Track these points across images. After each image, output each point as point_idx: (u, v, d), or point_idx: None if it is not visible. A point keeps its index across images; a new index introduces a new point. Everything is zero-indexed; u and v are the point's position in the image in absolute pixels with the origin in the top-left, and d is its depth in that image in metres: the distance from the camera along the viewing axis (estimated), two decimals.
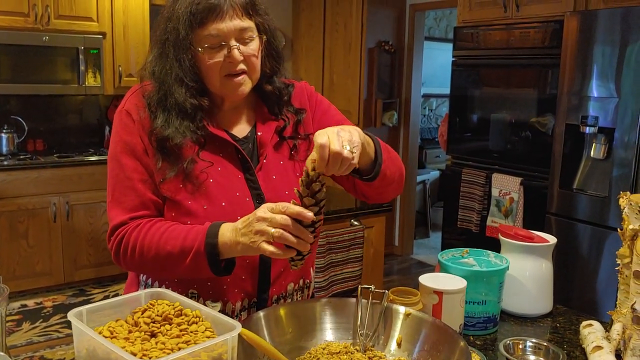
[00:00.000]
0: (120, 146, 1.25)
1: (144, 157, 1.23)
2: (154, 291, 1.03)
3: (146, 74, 1.26)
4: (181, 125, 1.20)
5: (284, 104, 1.34)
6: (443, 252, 1.48)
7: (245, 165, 1.28)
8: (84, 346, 0.89)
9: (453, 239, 3.92)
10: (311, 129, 1.37)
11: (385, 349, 1.19)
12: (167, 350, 0.84)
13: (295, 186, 1.17)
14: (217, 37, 1.18)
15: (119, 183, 1.24)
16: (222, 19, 1.17)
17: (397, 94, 5.12)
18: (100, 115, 4.83)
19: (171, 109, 1.21)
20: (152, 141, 1.22)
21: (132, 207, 1.22)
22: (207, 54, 1.19)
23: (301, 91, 1.41)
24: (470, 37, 3.71)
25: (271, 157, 1.31)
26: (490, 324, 1.40)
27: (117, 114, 1.27)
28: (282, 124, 1.33)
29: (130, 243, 1.19)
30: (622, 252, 1.26)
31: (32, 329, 3.57)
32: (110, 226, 1.24)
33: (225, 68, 1.20)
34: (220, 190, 1.23)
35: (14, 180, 3.90)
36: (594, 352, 1.19)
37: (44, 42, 4.09)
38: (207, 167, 1.23)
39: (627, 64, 2.71)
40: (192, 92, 1.21)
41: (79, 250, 4.22)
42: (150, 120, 1.22)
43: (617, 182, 2.77)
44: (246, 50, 1.21)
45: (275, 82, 1.33)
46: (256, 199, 1.26)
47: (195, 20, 1.17)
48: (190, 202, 1.22)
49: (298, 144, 1.35)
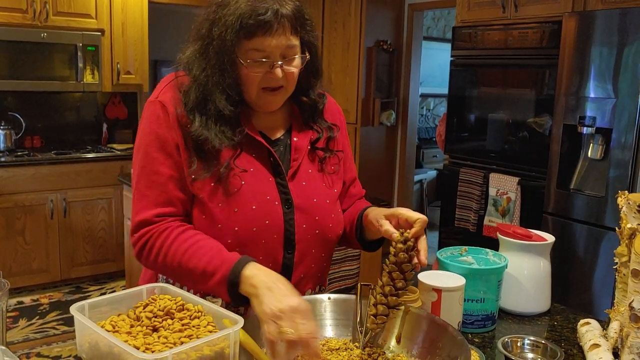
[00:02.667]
0: (151, 138, 1.22)
1: (176, 153, 1.21)
2: (155, 286, 1.03)
3: (183, 65, 1.24)
4: (220, 130, 1.19)
5: (318, 115, 1.36)
6: (442, 250, 1.49)
7: (277, 169, 1.28)
8: (86, 340, 0.90)
9: (450, 238, 3.93)
10: (340, 147, 1.41)
11: (385, 345, 1.20)
12: (170, 345, 0.85)
13: (325, 195, 1.29)
14: (263, 52, 1.17)
15: (146, 176, 1.22)
16: (271, 35, 1.15)
17: (395, 94, 5.12)
18: (98, 112, 4.83)
19: (210, 114, 1.19)
20: (188, 140, 1.20)
21: (159, 203, 1.20)
22: (249, 67, 1.18)
23: (332, 106, 1.44)
24: (469, 37, 3.72)
25: (303, 164, 1.32)
26: (489, 322, 1.41)
27: (151, 104, 1.24)
28: (316, 135, 1.34)
29: (156, 247, 1.18)
30: (619, 251, 1.27)
31: (29, 325, 3.56)
32: (135, 220, 1.22)
33: (264, 81, 1.20)
34: (251, 193, 1.23)
35: (11, 176, 3.90)
36: (592, 350, 1.20)
37: (42, 39, 4.09)
38: (242, 172, 1.23)
39: (625, 64, 2.73)
40: (232, 101, 1.20)
41: (76, 248, 4.21)
42: (186, 118, 1.20)
43: (614, 183, 2.78)
44: (288, 68, 1.20)
45: (311, 95, 1.34)
46: (285, 203, 1.27)
47: (243, 32, 1.15)
48: (220, 205, 1.21)
49: (328, 158, 1.36)
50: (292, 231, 1.27)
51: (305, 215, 1.28)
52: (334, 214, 1.35)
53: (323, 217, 1.31)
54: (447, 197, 3.95)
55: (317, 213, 1.30)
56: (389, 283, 1.12)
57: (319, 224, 1.30)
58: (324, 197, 1.32)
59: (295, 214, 1.27)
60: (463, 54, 3.78)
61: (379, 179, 5.16)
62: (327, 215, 1.32)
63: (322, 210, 1.31)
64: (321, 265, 1.37)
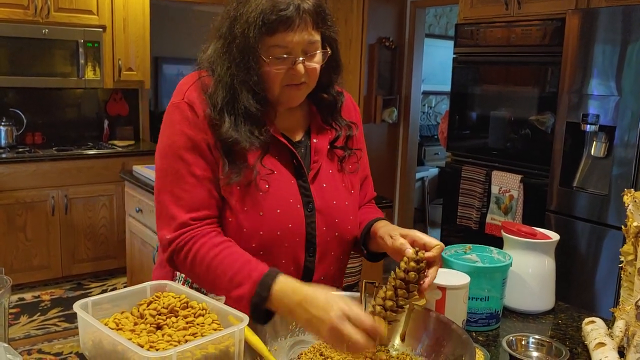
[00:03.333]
0: (182, 140, 1.20)
1: (208, 154, 1.20)
2: (159, 283, 1.02)
3: (205, 64, 1.23)
4: (249, 130, 1.18)
5: (337, 113, 1.35)
6: (446, 247, 1.48)
7: (299, 171, 1.27)
8: (89, 338, 0.89)
9: (452, 236, 3.93)
10: (358, 145, 1.40)
11: (389, 343, 1.19)
12: (174, 342, 0.84)
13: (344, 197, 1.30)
14: (285, 48, 1.16)
15: (180, 179, 1.19)
16: (293, 30, 1.14)
17: (397, 91, 5.11)
18: (99, 109, 4.82)
19: (238, 113, 1.18)
20: (218, 142, 1.19)
21: (196, 206, 1.19)
22: (272, 64, 1.17)
23: (349, 103, 1.43)
24: (471, 34, 3.71)
25: (323, 165, 1.31)
26: (493, 320, 1.40)
27: (176, 105, 1.22)
28: (335, 134, 1.34)
29: (193, 251, 1.17)
30: (625, 250, 1.26)
31: (30, 322, 3.56)
32: (172, 223, 1.19)
33: (287, 78, 1.19)
34: (276, 197, 1.23)
35: (12, 173, 3.89)
36: (597, 349, 1.20)
37: (43, 35, 4.07)
38: (268, 174, 1.22)
39: (628, 62, 2.72)
40: (258, 98, 1.19)
41: (77, 244, 4.21)
42: (215, 120, 1.19)
43: (617, 181, 2.77)
44: (310, 64, 1.19)
45: (331, 92, 1.33)
46: (306, 206, 1.26)
47: (266, 29, 1.14)
48: (247, 209, 1.20)
49: (347, 156, 1.36)
50: (314, 234, 1.27)
51: (326, 218, 1.29)
52: (352, 216, 1.35)
53: (342, 219, 1.31)
54: (449, 194, 3.95)
55: (337, 215, 1.30)
56: (392, 298, 1.10)
57: (338, 226, 1.31)
58: (343, 199, 1.33)
59: (316, 216, 1.27)
60: (465, 51, 3.77)
61: (380, 177, 5.15)
62: (346, 217, 1.32)
63: (341, 212, 1.31)
64: (339, 266, 1.38)
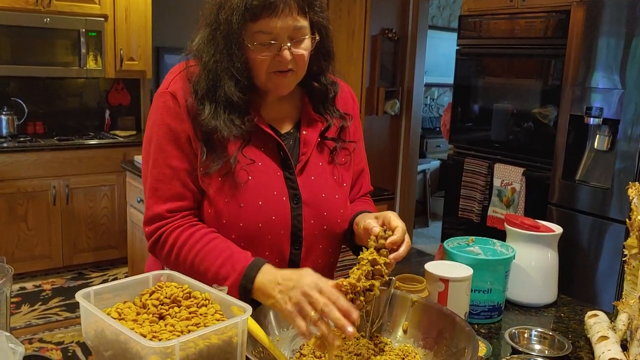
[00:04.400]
0: (163, 131, 1.20)
1: (187, 145, 1.20)
2: (161, 273, 1.02)
3: (193, 53, 1.22)
4: (229, 118, 1.17)
5: (329, 103, 1.33)
6: (449, 240, 1.48)
7: (286, 163, 1.26)
8: (92, 327, 0.89)
9: (453, 228, 3.93)
10: (352, 137, 1.38)
11: (391, 335, 1.19)
12: (177, 333, 0.84)
13: (333, 190, 1.28)
14: (270, 34, 1.14)
15: (157, 169, 1.20)
16: (277, 16, 1.13)
17: (400, 83, 5.09)
18: (100, 98, 4.81)
19: (219, 101, 1.17)
20: (198, 132, 1.18)
21: (170, 197, 1.20)
22: (257, 50, 1.16)
23: (347, 94, 1.40)
24: (475, 26, 3.69)
25: (312, 158, 1.29)
26: (495, 313, 1.40)
27: (161, 95, 1.22)
28: (326, 125, 1.31)
29: (168, 243, 1.18)
30: (629, 243, 1.26)
31: (31, 311, 3.57)
32: (148, 214, 1.21)
33: (273, 65, 1.17)
34: (258, 188, 1.21)
35: (13, 162, 3.89)
36: (600, 342, 1.19)
37: (44, 24, 4.05)
38: (249, 164, 1.21)
39: (633, 55, 2.70)
40: (241, 87, 1.18)
41: (78, 234, 4.21)
42: (196, 108, 1.18)
43: (620, 174, 2.76)
44: (297, 50, 1.17)
45: (322, 80, 1.31)
46: (293, 198, 1.25)
47: (249, 14, 1.13)
48: (227, 201, 1.19)
49: (339, 148, 1.33)
50: (300, 227, 1.25)
51: (313, 211, 1.27)
52: (343, 209, 1.32)
53: (331, 212, 1.29)
54: (451, 187, 3.94)
55: (325, 208, 1.28)
56: (362, 281, 1.06)
57: (327, 219, 1.28)
58: (332, 192, 1.30)
59: (303, 209, 1.25)
60: (469, 43, 3.75)
61: (382, 169, 5.14)
62: (335, 211, 1.30)
63: (330, 205, 1.29)
64: (328, 260, 1.36)
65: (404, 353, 1.11)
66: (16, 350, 0.87)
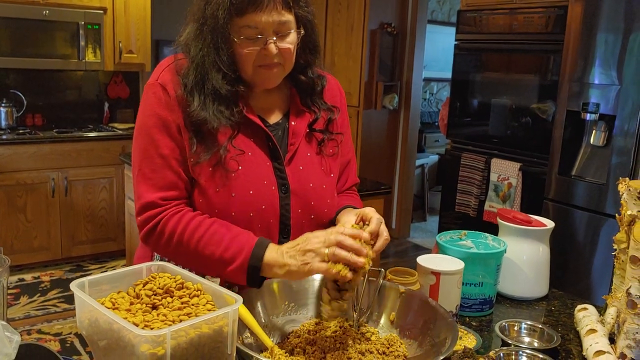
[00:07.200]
0: (153, 120, 1.22)
1: (177, 135, 1.21)
2: (155, 264, 1.03)
3: (181, 47, 1.24)
4: (217, 110, 1.19)
5: (317, 96, 1.35)
6: (441, 233, 1.49)
7: (275, 153, 1.27)
8: (86, 316, 0.90)
9: (450, 222, 3.94)
10: (339, 129, 1.39)
11: (378, 325, 1.21)
12: (169, 322, 0.85)
13: (321, 180, 1.30)
14: (255, 29, 1.17)
15: (148, 159, 1.22)
16: (262, 10, 1.15)
17: (399, 77, 5.10)
18: (99, 91, 4.81)
19: (208, 93, 1.19)
20: (188, 122, 1.20)
21: (163, 186, 1.21)
22: (243, 44, 1.18)
23: (334, 87, 1.42)
24: (474, 21, 3.69)
25: (301, 148, 1.31)
26: (486, 306, 1.42)
27: (150, 86, 1.24)
28: (314, 117, 1.33)
29: (167, 231, 1.19)
30: (619, 238, 1.27)
31: (30, 303, 3.59)
32: (139, 203, 1.22)
33: (259, 59, 1.20)
34: (248, 178, 1.23)
35: (12, 154, 3.90)
36: (588, 335, 1.21)
37: (44, 16, 4.06)
38: (239, 154, 1.23)
39: (630, 51, 2.71)
40: (228, 79, 1.20)
41: (77, 226, 4.23)
42: (186, 100, 1.20)
43: (615, 170, 2.78)
44: (282, 44, 1.20)
45: (309, 73, 1.33)
46: (281, 188, 1.26)
47: (234, 9, 1.15)
48: (218, 190, 1.21)
49: (326, 140, 1.35)
50: (288, 216, 1.27)
51: (301, 200, 1.29)
52: (330, 199, 1.34)
53: (318, 202, 1.31)
54: (448, 181, 3.96)
55: (313, 197, 1.30)
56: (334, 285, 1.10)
57: (314, 208, 1.31)
58: (320, 182, 1.32)
59: (291, 198, 1.28)
60: (467, 38, 3.76)
61: (380, 163, 5.15)
62: (322, 200, 1.32)
63: (317, 194, 1.31)
64: None
65: (389, 342, 1.13)
66: (12, 339, 0.89)
